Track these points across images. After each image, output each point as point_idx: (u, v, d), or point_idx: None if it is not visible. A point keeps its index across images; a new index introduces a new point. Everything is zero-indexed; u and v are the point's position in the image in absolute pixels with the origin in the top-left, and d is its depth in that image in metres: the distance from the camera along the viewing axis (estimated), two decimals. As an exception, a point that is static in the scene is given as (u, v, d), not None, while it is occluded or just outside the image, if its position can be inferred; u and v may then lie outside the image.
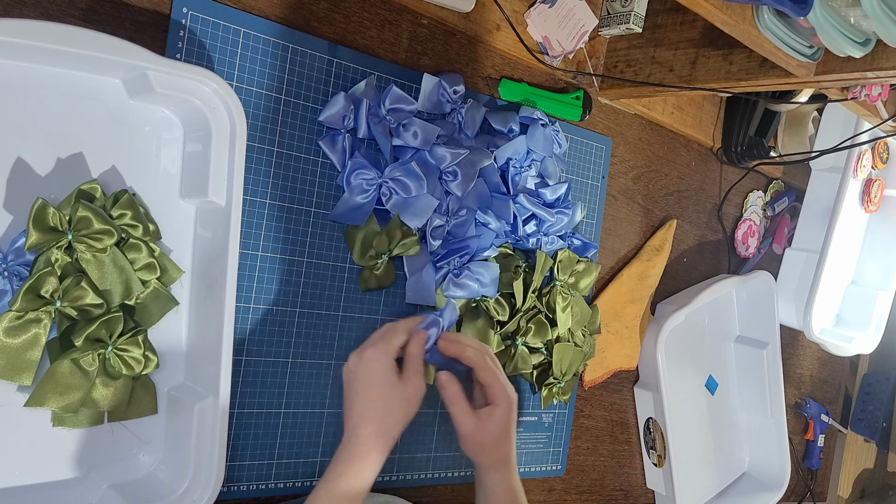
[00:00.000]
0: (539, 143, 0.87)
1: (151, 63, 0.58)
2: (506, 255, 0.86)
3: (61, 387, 0.58)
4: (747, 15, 0.70)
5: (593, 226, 1.01)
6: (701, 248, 1.22)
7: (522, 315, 0.87)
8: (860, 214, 1.35)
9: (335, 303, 0.76)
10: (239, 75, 0.69)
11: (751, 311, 1.28)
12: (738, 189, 1.28)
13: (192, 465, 0.62)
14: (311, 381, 0.75)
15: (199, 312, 0.66)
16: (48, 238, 0.57)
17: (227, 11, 0.68)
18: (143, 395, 0.64)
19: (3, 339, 0.56)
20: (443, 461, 0.86)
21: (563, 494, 1.02)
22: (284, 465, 0.73)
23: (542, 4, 0.88)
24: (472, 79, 0.86)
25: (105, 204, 0.60)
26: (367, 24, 0.77)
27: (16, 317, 0.56)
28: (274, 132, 0.71)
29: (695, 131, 1.15)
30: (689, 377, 1.21)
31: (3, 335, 0.56)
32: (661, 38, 0.94)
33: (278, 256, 0.72)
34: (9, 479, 0.58)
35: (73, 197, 0.59)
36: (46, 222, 0.57)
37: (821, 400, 1.58)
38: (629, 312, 1.05)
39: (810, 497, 1.53)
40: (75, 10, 0.60)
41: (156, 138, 0.64)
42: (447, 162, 0.77)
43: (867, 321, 1.34)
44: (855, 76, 0.78)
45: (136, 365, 0.62)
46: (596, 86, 1.00)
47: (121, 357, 0.61)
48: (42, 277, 0.57)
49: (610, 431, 1.08)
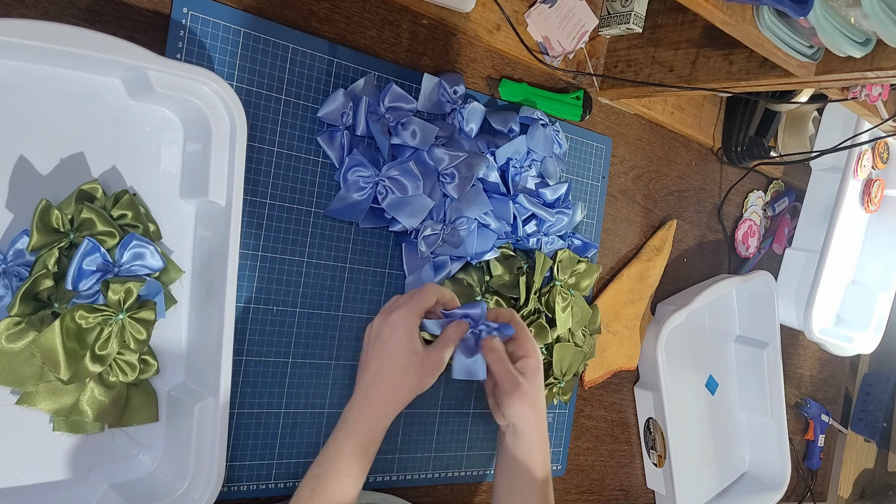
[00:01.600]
0: (539, 143, 0.87)
1: (152, 63, 0.58)
2: (507, 255, 0.86)
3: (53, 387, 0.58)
4: (747, 15, 0.70)
5: (593, 226, 1.01)
6: (701, 248, 1.22)
7: (524, 319, 0.87)
8: (860, 214, 1.35)
9: (335, 303, 0.76)
10: (239, 75, 0.69)
11: (751, 311, 1.28)
12: (739, 189, 1.28)
13: (193, 465, 0.62)
14: (311, 381, 0.75)
15: (199, 312, 0.66)
16: (51, 239, 0.57)
17: (227, 11, 0.68)
18: (143, 403, 0.63)
19: (5, 344, 0.56)
20: (443, 461, 0.86)
21: (563, 494, 1.02)
22: (284, 465, 0.73)
23: (543, 4, 0.88)
24: (473, 79, 0.86)
25: (105, 204, 0.60)
26: (368, 25, 0.77)
27: (14, 322, 0.56)
28: (274, 132, 0.71)
29: (695, 131, 1.15)
30: (689, 377, 1.21)
31: (4, 341, 0.56)
32: (662, 37, 0.94)
33: (278, 256, 0.72)
34: (9, 479, 0.58)
35: (74, 197, 0.59)
36: (50, 223, 0.57)
37: (821, 400, 1.58)
38: (629, 312, 1.05)
39: (810, 497, 1.53)
40: (75, 10, 0.60)
41: (156, 138, 0.64)
42: (445, 164, 0.77)
43: (867, 321, 1.34)
44: (855, 76, 0.78)
45: (131, 371, 0.61)
46: (596, 86, 1.00)
47: (115, 360, 0.61)
48: (38, 280, 0.57)
49: (610, 431, 1.08)
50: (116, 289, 0.58)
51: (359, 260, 0.78)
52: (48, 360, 0.56)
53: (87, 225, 0.58)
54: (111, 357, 0.60)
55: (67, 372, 0.57)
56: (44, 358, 0.56)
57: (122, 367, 0.61)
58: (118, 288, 0.58)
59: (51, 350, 0.56)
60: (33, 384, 0.58)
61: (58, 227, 0.57)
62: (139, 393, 0.63)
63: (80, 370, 0.58)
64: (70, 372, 0.57)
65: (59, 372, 0.57)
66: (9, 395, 0.58)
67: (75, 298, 0.58)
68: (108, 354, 0.59)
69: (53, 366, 0.56)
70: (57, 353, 0.56)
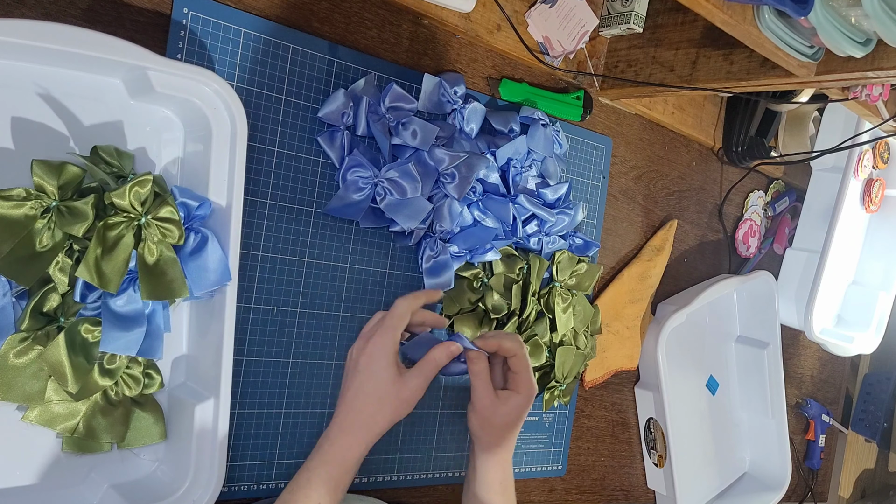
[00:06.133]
0: (540, 143, 0.87)
1: (152, 63, 0.57)
2: (509, 255, 0.86)
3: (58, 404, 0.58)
4: (748, 15, 0.69)
5: (594, 226, 1.01)
6: (702, 248, 1.22)
7: (520, 335, 0.87)
8: (861, 214, 1.35)
9: (335, 303, 0.76)
10: (239, 75, 0.69)
11: (751, 311, 1.28)
12: (739, 189, 1.28)
13: (193, 465, 0.62)
14: (311, 381, 0.75)
15: (199, 313, 0.66)
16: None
17: (227, 12, 0.68)
18: (150, 423, 0.63)
19: (12, 360, 0.56)
20: (443, 461, 0.86)
21: (563, 494, 1.02)
22: (285, 466, 0.73)
23: (543, 4, 0.88)
24: (473, 79, 0.86)
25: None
26: (368, 25, 0.77)
27: (21, 338, 0.56)
28: (274, 132, 0.71)
29: (695, 131, 1.15)
30: (689, 377, 1.21)
31: (12, 357, 0.56)
32: (662, 37, 0.93)
33: (278, 256, 0.72)
34: (9, 479, 0.58)
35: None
36: None
37: (822, 400, 1.58)
38: (630, 312, 1.05)
39: (811, 497, 1.53)
40: (76, 10, 0.60)
41: (156, 138, 0.64)
42: (445, 164, 0.77)
43: (868, 321, 1.34)
44: (856, 76, 0.78)
45: (135, 385, 0.61)
46: (596, 86, 1.00)
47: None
48: (46, 295, 0.57)
49: (611, 431, 1.08)
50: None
51: (359, 260, 0.78)
52: (55, 374, 0.56)
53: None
54: (120, 371, 0.60)
55: (76, 385, 0.57)
56: (51, 371, 0.56)
57: (126, 382, 0.61)
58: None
59: (57, 363, 0.56)
60: (39, 400, 0.57)
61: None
62: (146, 411, 0.63)
63: (88, 384, 0.58)
64: (78, 385, 0.57)
65: (68, 385, 0.56)
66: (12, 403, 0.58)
67: (82, 311, 0.58)
68: (118, 368, 0.59)
69: (61, 379, 0.56)
70: (64, 366, 0.56)
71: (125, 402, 0.61)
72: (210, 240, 0.61)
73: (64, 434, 0.59)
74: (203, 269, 0.61)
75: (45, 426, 0.58)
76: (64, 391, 0.58)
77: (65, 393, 0.58)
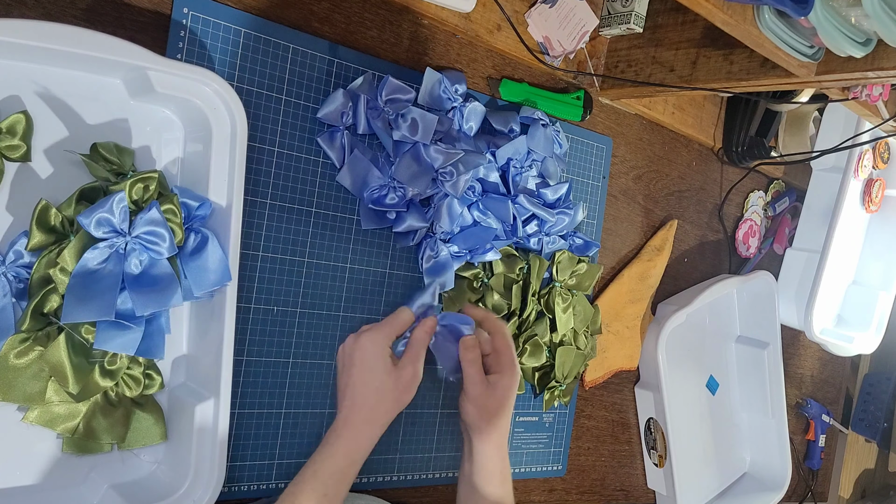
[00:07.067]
0: (540, 143, 0.87)
1: (152, 63, 0.58)
2: (509, 255, 0.86)
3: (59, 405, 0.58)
4: (748, 15, 0.69)
5: (594, 226, 1.01)
6: (702, 249, 1.22)
7: (520, 335, 0.87)
8: (861, 214, 1.35)
9: (335, 303, 0.76)
10: (239, 75, 0.69)
11: (752, 312, 1.28)
12: (739, 189, 1.28)
13: (193, 465, 0.62)
14: (311, 381, 0.75)
15: (199, 313, 0.66)
16: (50, 239, 0.57)
17: (227, 11, 0.68)
18: (151, 423, 0.63)
19: (13, 360, 0.56)
20: (443, 461, 0.86)
21: (563, 495, 1.02)
22: (285, 466, 0.73)
23: (543, 4, 0.88)
24: (473, 79, 0.86)
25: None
26: (368, 25, 0.77)
27: (21, 339, 0.56)
28: (274, 132, 0.71)
29: (695, 131, 1.15)
30: (689, 377, 1.21)
31: (13, 358, 0.56)
32: (662, 37, 0.93)
33: (278, 256, 0.72)
34: (9, 480, 0.58)
35: (75, 198, 0.58)
36: (49, 223, 0.57)
37: (822, 400, 1.58)
38: (630, 312, 1.05)
39: (811, 497, 1.53)
40: (76, 10, 0.60)
41: (156, 138, 0.64)
42: (440, 162, 0.76)
43: (868, 321, 1.34)
44: (856, 76, 0.78)
45: (135, 385, 0.61)
46: (597, 86, 1.00)
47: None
48: (47, 296, 0.57)
49: (611, 432, 1.08)
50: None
51: (359, 260, 0.78)
52: (56, 375, 0.56)
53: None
54: (121, 371, 0.60)
55: (76, 386, 0.57)
56: (52, 372, 0.56)
57: (126, 383, 0.61)
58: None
59: (58, 364, 0.56)
60: (40, 400, 0.57)
61: (56, 226, 0.57)
62: (146, 412, 0.63)
63: (89, 385, 0.58)
64: (79, 386, 0.57)
65: (68, 386, 0.56)
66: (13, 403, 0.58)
67: None
68: (118, 369, 0.59)
69: (62, 380, 0.56)
70: (64, 367, 0.56)
71: (125, 402, 0.61)
72: (210, 240, 0.62)
73: (64, 434, 0.59)
74: (203, 269, 0.61)
75: (46, 427, 0.58)
76: (64, 392, 0.57)
77: (65, 393, 0.58)
